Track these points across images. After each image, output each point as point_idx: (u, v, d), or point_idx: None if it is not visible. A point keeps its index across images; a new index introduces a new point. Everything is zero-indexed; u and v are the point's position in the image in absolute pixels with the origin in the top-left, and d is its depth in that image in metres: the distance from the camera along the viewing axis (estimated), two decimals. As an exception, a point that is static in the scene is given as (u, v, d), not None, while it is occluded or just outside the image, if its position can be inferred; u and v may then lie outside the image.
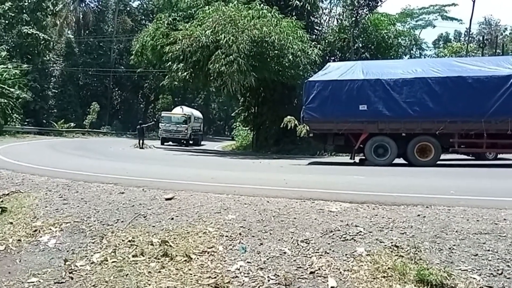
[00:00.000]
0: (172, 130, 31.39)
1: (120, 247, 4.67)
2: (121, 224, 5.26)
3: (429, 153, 12.96)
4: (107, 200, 6.14)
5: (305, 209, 5.46)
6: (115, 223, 5.31)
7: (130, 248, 4.64)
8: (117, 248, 4.65)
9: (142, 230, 5.01)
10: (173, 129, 31.37)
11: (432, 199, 5.91)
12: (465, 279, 3.74)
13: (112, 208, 5.78)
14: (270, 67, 19.63)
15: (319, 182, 8.26)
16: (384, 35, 26.79)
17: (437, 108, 12.71)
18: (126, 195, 6.40)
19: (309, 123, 13.99)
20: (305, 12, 23.48)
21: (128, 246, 4.68)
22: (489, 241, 4.34)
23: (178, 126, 31.33)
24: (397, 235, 4.54)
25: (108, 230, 5.11)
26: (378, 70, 13.98)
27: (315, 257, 4.20)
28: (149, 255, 4.45)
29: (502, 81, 12.27)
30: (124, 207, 5.79)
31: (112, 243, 4.78)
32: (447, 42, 47.97)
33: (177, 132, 31.34)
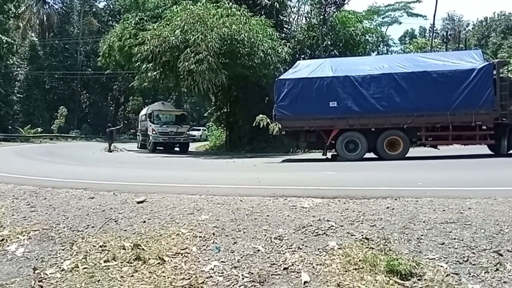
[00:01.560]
0: (171, 133, 23.96)
1: (91, 253, 4.58)
2: (91, 229, 5.16)
3: (398, 146, 13.31)
4: (76, 206, 6.00)
5: (278, 206, 5.50)
6: (86, 228, 5.20)
7: (102, 253, 4.56)
8: (88, 254, 4.56)
9: (113, 235, 4.93)
10: (171, 130, 23.96)
11: (400, 192, 6.07)
12: (433, 268, 3.86)
13: (82, 214, 5.66)
14: (241, 65, 19.65)
15: (292, 179, 8.34)
16: (352, 32, 27.27)
17: (404, 102, 13.06)
18: (96, 199, 6.27)
19: (281, 121, 14.11)
20: (274, 11, 23.62)
21: (100, 252, 4.60)
22: (455, 230, 4.50)
23: (178, 127, 24.17)
24: (367, 228, 4.64)
25: (79, 236, 4.99)
26: (347, 67, 14.24)
27: (289, 253, 4.24)
28: (121, 259, 4.38)
29: (465, 75, 12.73)
30: (94, 212, 5.68)
31: (83, 249, 4.68)
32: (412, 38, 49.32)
33: (177, 135, 24.17)
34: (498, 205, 5.17)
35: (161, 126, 23.83)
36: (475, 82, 12.55)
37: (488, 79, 12.66)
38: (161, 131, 23.73)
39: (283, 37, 23.30)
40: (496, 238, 4.26)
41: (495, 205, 5.15)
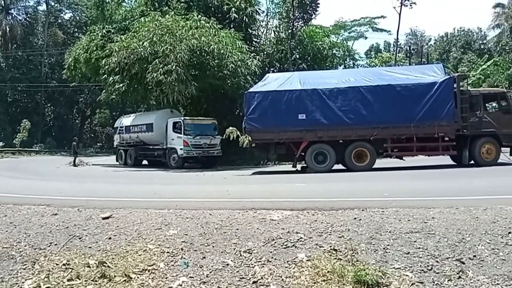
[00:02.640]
0: (204, 145, 20.71)
1: (54, 272, 4.40)
2: (54, 247, 4.97)
3: (365, 158, 13.60)
4: (39, 223, 5.77)
5: (247, 219, 5.48)
6: (48, 246, 5.00)
7: (65, 272, 4.39)
8: (50, 273, 4.38)
9: (77, 252, 4.76)
10: (205, 143, 20.68)
11: (367, 202, 6.19)
12: (398, 277, 3.94)
13: (45, 231, 5.44)
14: (211, 77, 19.67)
15: (262, 192, 8.35)
16: (320, 46, 27.85)
17: (370, 115, 13.40)
18: (59, 216, 6.05)
19: (251, 134, 14.15)
20: (243, 24, 23.86)
21: (63, 270, 4.43)
22: (420, 239, 4.61)
23: (211, 139, 20.82)
24: (335, 239, 4.69)
25: (41, 255, 4.79)
26: (315, 80, 14.50)
27: (258, 267, 4.22)
28: (85, 277, 4.23)
29: (427, 88, 13.21)
30: (57, 229, 5.47)
31: (45, 268, 4.49)
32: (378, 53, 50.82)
33: (210, 147, 20.90)
34: (460, 214, 5.35)
35: (194, 137, 20.28)
36: (437, 95, 13.04)
37: (449, 92, 13.19)
38: (194, 144, 20.36)
39: (252, 50, 23.54)
40: (458, 247, 4.40)
41: (457, 214, 5.32)
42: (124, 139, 24.61)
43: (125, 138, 24.50)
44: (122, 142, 24.82)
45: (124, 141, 24.61)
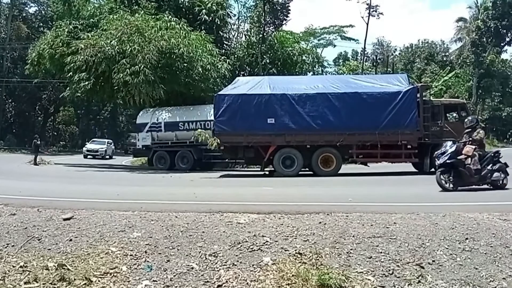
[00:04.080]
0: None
1: (10, 274, 4.22)
2: (11, 248, 4.76)
3: (331, 163, 13.84)
4: (-6, 224, 5.52)
5: (214, 222, 5.45)
6: (5, 247, 4.78)
7: (22, 274, 4.21)
8: (6, 275, 4.19)
9: (36, 254, 4.58)
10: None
11: (332, 207, 6.30)
12: (361, 281, 4.02)
13: (1, 232, 5.21)
14: (180, 80, 19.44)
15: (229, 195, 8.34)
16: (290, 52, 28.15)
17: (337, 121, 13.66)
18: (18, 216, 5.81)
19: (219, 136, 14.11)
20: (214, 27, 23.79)
21: (20, 272, 4.25)
22: (382, 244, 4.73)
23: None
24: (300, 243, 4.74)
25: (-4, 256, 4.58)
26: (284, 85, 14.64)
27: (223, 270, 4.21)
28: (43, 280, 4.07)
29: (392, 97, 13.61)
30: (15, 230, 5.25)
31: (1, 270, 4.30)
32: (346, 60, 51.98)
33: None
34: (420, 220, 5.53)
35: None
36: (401, 104, 13.46)
37: (412, 101, 13.64)
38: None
39: (223, 53, 23.49)
40: (418, 252, 4.55)
41: (417, 220, 5.50)
42: (162, 138, 20.56)
43: (165, 137, 20.48)
44: (158, 142, 20.67)
45: (164, 141, 20.56)
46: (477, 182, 8.99)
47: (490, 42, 40.36)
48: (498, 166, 9.06)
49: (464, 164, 8.80)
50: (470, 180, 8.88)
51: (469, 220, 5.45)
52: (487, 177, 8.95)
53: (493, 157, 9.21)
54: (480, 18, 41.09)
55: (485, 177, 8.94)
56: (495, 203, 7.10)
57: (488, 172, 8.94)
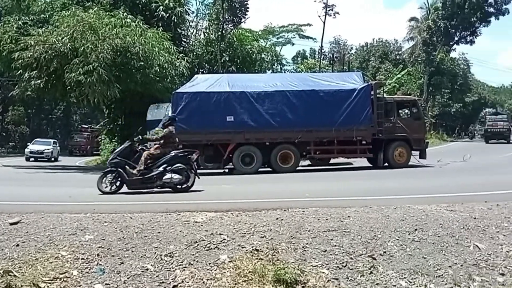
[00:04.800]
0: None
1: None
2: (-49, 257, 4.47)
3: (290, 160, 14.01)
4: None
5: (170, 222, 5.37)
6: None
7: (-37, 284, 3.96)
8: None
9: (-22, 262, 4.33)
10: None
11: (290, 203, 6.38)
12: (315, 274, 4.10)
13: None
14: (136, 79, 18.94)
15: (186, 193, 8.24)
16: (249, 50, 28.21)
17: (295, 118, 13.84)
18: (-41, 223, 5.46)
19: (178, 135, 13.81)
20: (171, 24, 23.36)
21: (-40, 283, 3.99)
22: (336, 237, 4.84)
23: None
24: (257, 239, 4.76)
25: None
26: (243, 83, 14.65)
27: (179, 270, 4.15)
28: (-13, 290, 3.85)
29: (347, 94, 13.96)
30: (-45, 238, 4.93)
31: None
32: (304, 59, 52.69)
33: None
34: (373, 213, 5.71)
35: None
36: (356, 101, 13.83)
37: (367, 98, 14.05)
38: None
39: (181, 50, 23.12)
40: (370, 244, 4.69)
41: (370, 213, 5.68)
42: None
43: None
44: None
45: None
46: (144, 184, 8.42)
47: (440, 41, 42.21)
48: (175, 167, 8.48)
49: (124, 165, 8.32)
50: (132, 182, 8.33)
51: (419, 212, 5.69)
52: (154, 178, 8.38)
53: (173, 157, 8.69)
54: (431, 18, 42.88)
55: (151, 178, 8.38)
56: (443, 195, 7.44)
57: (158, 174, 8.37)
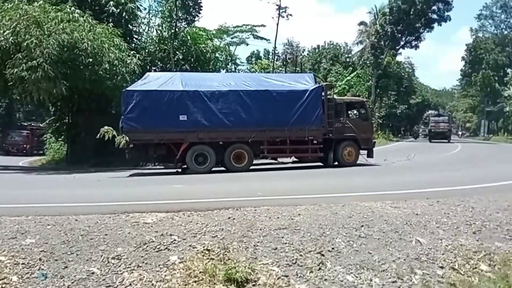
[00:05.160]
0: None
1: None
2: None
3: (244, 159, 14.05)
4: None
5: (118, 223, 5.22)
6: None
7: None
8: None
9: None
10: None
11: (242, 202, 6.41)
12: (266, 272, 4.14)
13: None
14: (84, 76, 18.21)
15: (137, 194, 8.05)
16: (203, 49, 27.98)
17: (249, 118, 13.90)
18: None
19: (128, 134, 13.53)
20: (122, 20, 22.66)
21: None
22: (287, 235, 4.92)
23: None
24: (209, 239, 4.74)
25: None
26: (197, 82, 14.50)
27: (127, 273, 4.05)
28: None
29: (299, 95, 14.22)
30: None
31: None
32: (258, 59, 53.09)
33: None
34: (322, 210, 5.87)
35: None
36: (307, 102, 14.12)
37: (318, 99, 14.38)
38: None
39: (132, 47, 22.50)
40: (319, 240, 4.81)
41: (319, 211, 5.83)
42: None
43: None
44: None
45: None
46: None
47: (387, 45, 44.03)
48: None
49: None
50: None
51: (365, 209, 5.91)
52: None
53: None
54: (379, 23, 44.65)
55: None
56: (388, 192, 7.79)
57: None
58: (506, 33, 71.05)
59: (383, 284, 4.04)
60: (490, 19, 73.07)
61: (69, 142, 24.73)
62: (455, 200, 6.64)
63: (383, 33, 42.69)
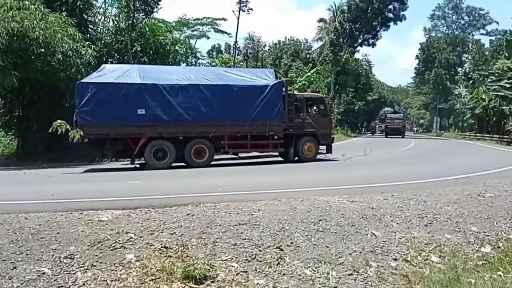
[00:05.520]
0: None
1: None
2: None
3: (204, 154, 13.91)
4: None
5: (71, 221, 5.02)
6: None
7: None
8: None
9: None
10: None
11: (202, 198, 6.34)
12: (225, 268, 4.13)
13: None
14: (36, 66, 17.34)
15: (92, 191, 7.78)
16: (162, 41, 27.30)
17: (209, 113, 13.76)
18: None
19: (83, 128, 13.02)
20: (77, 9, 21.72)
21: None
22: (246, 231, 4.92)
23: None
24: (167, 236, 4.66)
25: None
26: (155, 75, 14.16)
27: (80, 272, 3.91)
28: None
29: (260, 90, 14.23)
30: None
31: None
32: (219, 53, 52.70)
33: None
34: (282, 205, 5.91)
35: None
36: (268, 97, 14.15)
37: (278, 95, 14.46)
38: None
39: (88, 38, 21.65)
40: (278, 235, 4.85)
41: (279, 206, 5.87)
42: None
43: None
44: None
45: None
46: None
47: (345, 42, 44.95)
48: None
49: None
50: None
51: (323, 203, 6.02)
52: None
53: None
54: (337, 20, 45.54)
55: None
56: (345, 186, 7.97)
57: None
58: (457, 33, 74.93)
59: (339, 277, 4.14)
60: (442, 20, 76.91)
61: (20, 136, 23.47)
62: (408, 194, 6.90)
63: (342, 30, 43.56)
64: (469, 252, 4.89)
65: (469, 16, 74.71)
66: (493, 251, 4.96)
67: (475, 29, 74.08)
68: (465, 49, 69.72)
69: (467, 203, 6.54)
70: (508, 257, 4.74)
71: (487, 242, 5.18)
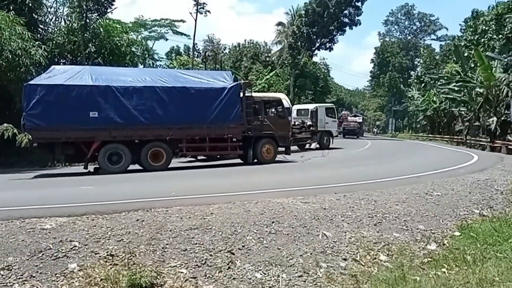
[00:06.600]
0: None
1: None
2: None
3: (161, 158, 13.61)
4: None
5: (11, 230, 4.74)
6: None
7: None
8: None
9: None
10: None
11: (153, 203, 6.18)
12: (174, 275, 4.03)
13: None
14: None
15: (38, 197, 7.39)
16: (117, 42, 26.61)
17: (166, 115, 13.50)
18: None
19: (31, 132, 12.40)
20: (26, 8, 20.77)
21: None
22: (198, 235, 4.84)
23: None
24: (114, 244, 4.49)
25: None
26: (108, 77, 13.72)
27: (18, 284, 3.69)
28: None
29: (217, 92, 14.13)
30: None
31: None
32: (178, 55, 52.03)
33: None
34: (235, 208, 5.87)
35: None
36: (226, 99, 14.07)
37: (236, 97, 14.41)
38: None
39: (38, 38, 20.73)
40: (230, 239, 4.80)
41: (233, 209, 5.82)
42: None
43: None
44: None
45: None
46: None
47: (303, 46, 45.70)
48: None
49: None
50: None
51: (277, 205, 6.03)
52: None
53: None
54: (295, 24, 46.17)
55: None
56: (300, 188, 8.03)
57: None
58: (409, 38, 78.13)
59: (289, 279, 4.14)
60: (395, 25, 79.96)
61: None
62: (360, 194, 7.05)
63: (300, 34, 44.24)
64: (415, 250, 5.04)
65: (420, 22, 78.20)
66: (438, 249, 5.14)
67: (426, 35, 77.68)
68: (417, 54, 72.66)
69: (415, 202, 6.77)
70: (452, 254, 4.93)
71: (433, 240, 5.37)
